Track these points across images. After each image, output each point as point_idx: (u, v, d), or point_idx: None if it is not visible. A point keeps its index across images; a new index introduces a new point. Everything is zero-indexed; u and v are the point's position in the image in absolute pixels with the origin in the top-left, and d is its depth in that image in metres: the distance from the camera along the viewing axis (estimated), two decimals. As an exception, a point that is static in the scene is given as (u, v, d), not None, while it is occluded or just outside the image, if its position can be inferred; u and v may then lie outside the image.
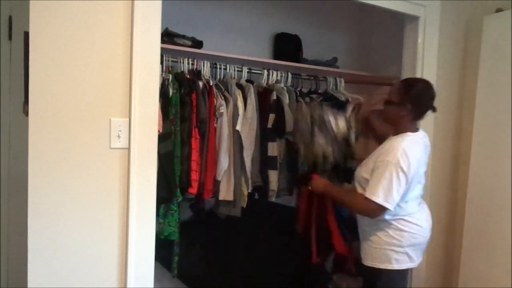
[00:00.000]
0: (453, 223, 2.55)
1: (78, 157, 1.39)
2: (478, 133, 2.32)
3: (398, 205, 1.69)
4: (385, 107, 1.81)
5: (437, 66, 2.36)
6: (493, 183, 2.23)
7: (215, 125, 1.99)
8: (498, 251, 2.20)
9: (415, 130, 1.79)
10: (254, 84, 2.18)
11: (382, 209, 1.64)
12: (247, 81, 2.19)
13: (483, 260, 2.26)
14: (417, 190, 1.79)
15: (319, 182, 1.99)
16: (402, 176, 1.63)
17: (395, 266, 1.73)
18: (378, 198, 1.63)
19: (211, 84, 2.01)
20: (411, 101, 1.71)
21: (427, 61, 2.31)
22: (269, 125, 2.14)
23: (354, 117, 2.23)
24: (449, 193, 2.54)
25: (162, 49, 1.57)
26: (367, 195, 1.66)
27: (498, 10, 2.27)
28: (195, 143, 1.91)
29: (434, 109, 1.79)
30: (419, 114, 1.76)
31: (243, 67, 2.18)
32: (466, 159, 2.41)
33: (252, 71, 2.22)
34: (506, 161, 2.17)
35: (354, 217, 1.93)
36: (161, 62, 1.79)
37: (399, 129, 1.77)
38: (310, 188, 2.03)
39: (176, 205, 1.90)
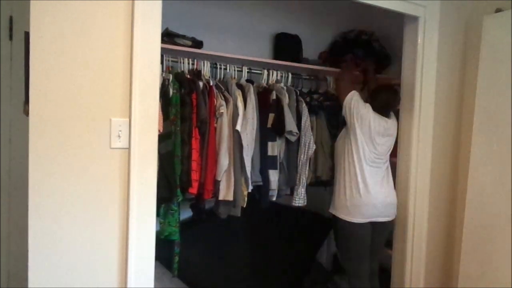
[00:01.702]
0: (453, 223, 2.55)
1: (79, 157, 1.39)
2: (478, 133, 2.32)
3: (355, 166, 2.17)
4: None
5: (437, 66, 2.35)
6: (493, 183, 2.23)
7: (215, 125, 1.99)
8: (498, 251, 2.20)
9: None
10: (254, 84, 2.19)
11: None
12: (247, 81, 2.19)
13: (483, 260, 2.26)
14: (368, 152, 2.18)
15: (347, 71, 2.41)
16: (360, 105, 2.23)
17: (340, 215, 2.20)
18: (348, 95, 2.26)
19: (211, 84, 2.02)
20: (373, 101, 2.29)
21: (427, 61, 2.31)
22: (269, 124, 2.14)
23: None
24: (449, 193, 2.54)
25: (162, 49, 1.57)
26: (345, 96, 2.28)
27: (498, 10, 2.27)
28: (195, 143, 1.91)
29: (390, 108, 2.33)
30: (378, 109, 2.27)
31: (243, 67, 2.18)
32: (466, 159, 2.41)
33: (252, 71, 2.23)
34: (506, 161, 2.17)
35: None
36: (161, 62, 1.79)
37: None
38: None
39: (177, 205, 1.90)
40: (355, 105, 2.21)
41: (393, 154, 2.35)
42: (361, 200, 2.15)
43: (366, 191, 2.15)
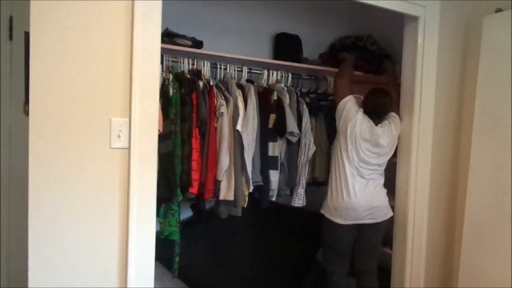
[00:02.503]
0: (453, 223, 2.55)
1: (79, 157, 1.39)
2: (478, 133, 2.32)
3: (341, 170, 2.20)
4: None
5: (437, 66, 2.35)
6: (493, 184, 2.23)
7: (216, 125, 1.99)
8: (498, 251, 2.20)
9: (376, 123, 2.25)
10: (254, 84, 2.19)
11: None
12: (247, 81, 2.19)
13: (483, 260, 2.26)
14: (352, 157, 2.18)
15: (347, 69, 2.41)
16: (353, 101, 2.26)
17: (325, 214, 2.25)
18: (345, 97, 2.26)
19: (211, 84, 2.02)
20: (363, 105, 2.31)
21: (427, 61, 2.31)
22: (270, 125, 2.14)
23: None
24: (449, 193, 2.54)
25: (162, 49, 1.57)
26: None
27: (498, 10, 2.27)
28: (195, 143, 1.91)
29: (380, 112, 2.29)
30: (370, 114, 2.26)
31: (243, 67, 2.18)
32: (466, 159, 2.41)
33: (252, 71, 2.23)
34: (506, 161, 2.17)
35: None
36: (161, 62, 1.79)
37: None
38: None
39: (177, 205, 1.90)
40: (347, 110, 2.21)
41: (393, 154, 2.35)
42: (342, 203, 2.18)
43: (348, 196, 2.17)
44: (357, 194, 2.18)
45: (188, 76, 1.97)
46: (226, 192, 1.99)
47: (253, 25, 2.64)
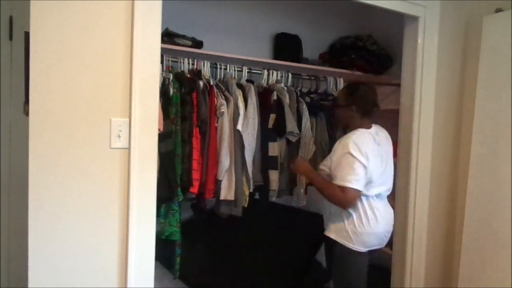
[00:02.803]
0: (453, 224, 2.55)
1: (79, 157, 1.39)
2: (478, 133, 2.32)
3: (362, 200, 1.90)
4: (336, 110, 2.11)
5: (437, 66, 2.35)
6: (493, 184, 2.23)
7: (216, 124, 1.99)
8: (498, 251, 2.20)
9: (368, 126, 1.97)
10: (255, 84, 2.19)
11: (357, 195, 1.84)
12: (247, 81, 2.19)
13: (483, 260, 2.26)
14: (377, 188, 1.93)
15: (300, 165, 2.04)
16: (359, 163, 1.81)
17: (341, 241, 1.94)
18: (351, 183, 1.79)
19: (211, 83, 2.02)
20: (356, 102, 1.95)
21: (427, 61, 2.31)
22: (270, 125, 2.14)
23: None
24: (449, 193, 2.54)
25: (162, 49, 1.57)
26: (340, 182, 1.81)
27: (498, 10, 2.27)
28: (196, 142, 1.91)
29: (377, 106, 2.00)
30: (365, 111, 1.96)
31: (243, 67, 2.19)
32: (466, 159, 2.41)
33: (252, 71, 2.23)
34: (506, 161, 2.17)
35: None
36: (161, 62, 1.79)
37: (351, 127, 1.98)
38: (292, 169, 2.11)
39: (177, 204, 1.90)
40: (350, 164, 1.83)
41: (393, 154, 2.35)
42: (367, 229, 1.93)
43: (374, 220, 1.93)
44: (383, 217, 1.97)
45: (188, 76, 1.97)
46: (226, 192, 1.99)
47: (253, 25, 2.64)
